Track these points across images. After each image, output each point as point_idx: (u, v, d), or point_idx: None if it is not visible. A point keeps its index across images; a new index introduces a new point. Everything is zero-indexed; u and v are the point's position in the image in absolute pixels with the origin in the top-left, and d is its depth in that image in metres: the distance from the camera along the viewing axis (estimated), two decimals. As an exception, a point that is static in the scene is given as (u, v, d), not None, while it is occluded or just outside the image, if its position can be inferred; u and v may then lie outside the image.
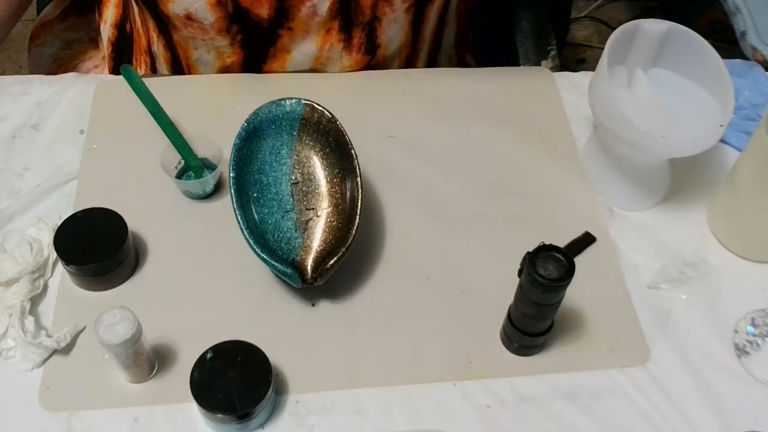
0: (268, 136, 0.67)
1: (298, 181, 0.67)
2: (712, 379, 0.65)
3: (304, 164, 0.68)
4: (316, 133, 0.68)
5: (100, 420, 0.60)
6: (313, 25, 0.77)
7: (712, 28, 1.83)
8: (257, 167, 0.66)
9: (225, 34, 0.77)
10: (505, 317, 0.65)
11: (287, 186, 0.67)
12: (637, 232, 0.74)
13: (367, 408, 0.62)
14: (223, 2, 0.73)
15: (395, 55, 0.85)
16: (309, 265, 0.64)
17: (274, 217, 0.66)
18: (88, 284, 0.67)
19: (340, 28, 0.79)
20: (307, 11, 0.75)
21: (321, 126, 0.67)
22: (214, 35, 0.77)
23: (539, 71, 0.88)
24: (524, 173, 0.78)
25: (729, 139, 0.81)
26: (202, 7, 0.73)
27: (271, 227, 0.65)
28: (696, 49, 0.71)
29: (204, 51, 0.81)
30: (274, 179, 0.67)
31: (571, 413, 0.63)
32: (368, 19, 0.79)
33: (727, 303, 0.70)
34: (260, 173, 0.66)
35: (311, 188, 0.67)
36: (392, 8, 0.79)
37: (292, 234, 0.65)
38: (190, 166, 0.74)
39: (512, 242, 0.68)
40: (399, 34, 0.83)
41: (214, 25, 0.75)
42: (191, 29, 0.76)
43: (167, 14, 0.75)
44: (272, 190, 0.66)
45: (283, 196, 0.66)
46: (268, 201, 0.66)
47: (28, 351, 0.62)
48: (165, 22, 0.77)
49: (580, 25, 2.03)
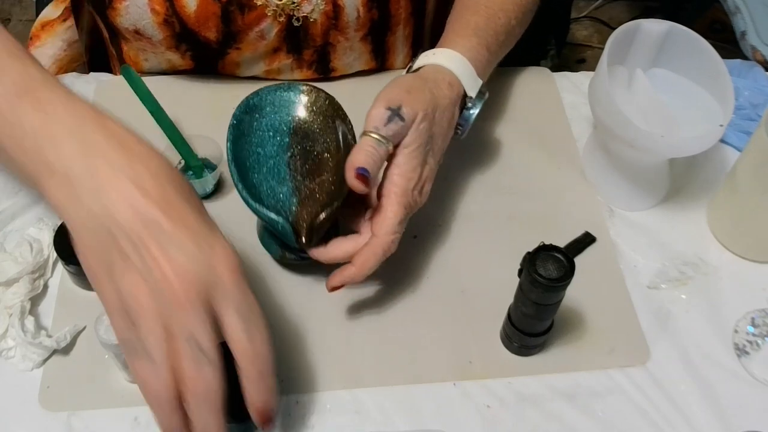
0: (266, 114, 0.67)
1: (296, 154, 0.67)
2: (712, 379, 0.65)
3: (301, 140, 0.67)
4: (313, 112, 0.68)
5: (100, 420, 0.60)
6: (260, 46, 0.77)
7: (712, 28, 1.83)
8: (255, 141, 0.66)
9: (174, 50, 0.77)
10: (505, 317, 0.65)
11: (284, 158, 0.67)
12: (637, 232, 0.74)
13: (367, 408, 0.62)
14: (170, 22, 0.73)
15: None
16: (303, 226, 0.64)
17: (270, 183, 0.65)
18: (88, 284, 0.66)
19: (288, 50, 0.79)
20: (255, 35, 0.75)
21: (318, 105, 0.68)
22: (163, 50, 0.77)
23: (539, 71, 0.88)
24: (524, 173, 0.78)
25: (729, 139, 0.81)
26: (149, 24, 0.73)
27: (267, 190, 0.65)
28: (696, 49, 0.71)
29: (155, 62, 0.82)
30: (271, 152, 0.67)
31: (571, 413, 0.63)
32: (319, 44, 0.79)
33: (727, 303, 0.70)
34: (257, 146, 0.66)
35: (308, 161, 0.67)
36: (345, 36, 0.78)
37: (287, 197, 0.65)
38: (190, 166, 0.74)
39: (512, 242, 0.68)
40: (357, 62, 0.83)
41: (162, 42, 0.75)
42: (141, 43, 0.77)
43: (117, 27, 0.75)
44: (270, 162, 0.66)
45: (280, 167, 0.66)
46: (265, 170, 0.66)
47: (28, 351, 0.62)
48: (116, 33, 0.77)
49: (580, 25, 2.03)
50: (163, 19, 0.73)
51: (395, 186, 0.61)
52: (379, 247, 0.61)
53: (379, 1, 0.76)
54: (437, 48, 0.69)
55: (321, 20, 0.76)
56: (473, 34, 0.70)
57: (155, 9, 0.72)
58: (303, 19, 0.75)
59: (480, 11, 0.72)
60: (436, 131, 0.64)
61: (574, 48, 1.97)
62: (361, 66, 0.84)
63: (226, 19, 0.73)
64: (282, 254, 0.67)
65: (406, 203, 0.61)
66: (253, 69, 0.81)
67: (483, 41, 0.70)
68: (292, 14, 0.75)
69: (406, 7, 0.78)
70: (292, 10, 0.74)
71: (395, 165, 0.62)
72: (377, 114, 0.61)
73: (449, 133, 0.67)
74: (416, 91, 0.63)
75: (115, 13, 0.73)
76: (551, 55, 1.09)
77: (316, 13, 0.75)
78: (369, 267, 0.61)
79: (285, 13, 0.74)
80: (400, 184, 0.61)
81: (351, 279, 0.61)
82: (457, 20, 0.72)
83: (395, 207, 0.61)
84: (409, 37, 0.83)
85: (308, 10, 0.75)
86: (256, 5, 0.73)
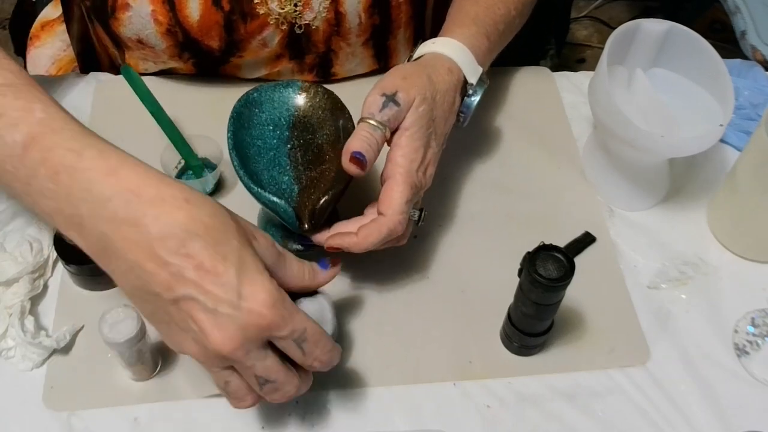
0: (265, 110, 0.67)
1: (296, 146, 0.67)
2: (712, 379, 0.65)
3: (301, 133, 0.68)
4: (313, 107, 0.68)
5: (102, 419, 0.60)
6: (263, 54, 0.77)
7: (712, 28, 1.83)
8: (255, 133, 0.67)
9: (177, 59, 0.77)
10: (505, 317, 0.65)
11: (284, 150, 0.67)
12: (637, 232, 0.74)
13: (367, 408, 0.62)
14: (173, 32, 0.73)
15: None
16: (305, 213, 0.64)
17: (270, 173, 0.65)
18: (88, 284, 0.66)
19: (290, 57, 0.79)
20: (257, 43, 0.76)
21: (317, 100, 0.68)
22: (166, 59, 0.77)
23: (539, 71, 0.88)
24: (524, 173, 0.78)
25: (729, 139, 0.81)
26: (152, 34, 0.73)
27: (268, 179, 0.65)
28: (696, 49, 0.71)
29: (157, 69, 0.82)
30: (271, 144, 0.67)
31: (571, 413, 0.63)
32: (321, 51, 0.79)
33: (727, 303, 0.70)
34: (257, 138, 0.67)
35: (308, 152, 0.67)
36: (347, 42, 0.78)
37: (289, 185, 0.65)
38: (190, 165, 0.74)
39: (512, 242, 0.68)
40: (360, 67, 0.83)
41: (165, 51, 0.75)
42: (143, 52, 0.77)
43: (119, 37, 0.75)
44: (270, 153, 0.66)
45: (281, 158, 0.66)
46: (265, 161, 0.66)
47: (27, 351, 0.62)
48: (118, 42, 0.77)
49: (580, 25, 2.03)
50: (166, 29, 0.73)
51: (399, 166, 0.62)
52: (385, 225, 0.60)
53: (380, 6, 0.76)
54: (437, 38, 0.70)
55: (323, 27, 0.76)
56: (472, 23, 0.71)
57: (158, 19, 0.72)
58: (305, 26, 0.75)
59: (479, 2, 0.73)
60: (438, 115, 0.65)
61: (574, 48, 1.97)
62: (364, 70, 0.84)
63: (229, 28, 0.73)
64: (284, 245, 0.67)
65: (412, 183, 0.62)
66: (255, 73, 0.81)
67: (482, 30, 0.71)
68: (294, 22, 0.75)
69: (406, 11, 0.78)
70: (294, 17, 0.74)
71: (398, 146, 0.62)
72: (372, 101, 0.62)
73: (451, 118, 0.68)
74: (412, 76, 0.64)
75: (117, 24, 0.73)
76: (551, 55, 1.09)
77: (318, 20, 0.75)
78: (370, 241, 0.60)
79: (287, 21, 0.74)
80: (403, 164, 0.62)
81: (349, 246, 0.61)
82: (457, 11, 0.73)
83: (401, 186, 0.61)
84: (410, 39, 0.83)
85: (310, 18, 0.75)
86: (258, 14, 0.73)
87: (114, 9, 0.72)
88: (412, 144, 0.62)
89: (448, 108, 0.66)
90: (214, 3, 0.72)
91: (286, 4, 0.73)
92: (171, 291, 0.48)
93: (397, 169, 0.62)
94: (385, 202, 0.61)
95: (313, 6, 0.74)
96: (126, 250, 0.49)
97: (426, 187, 0.65)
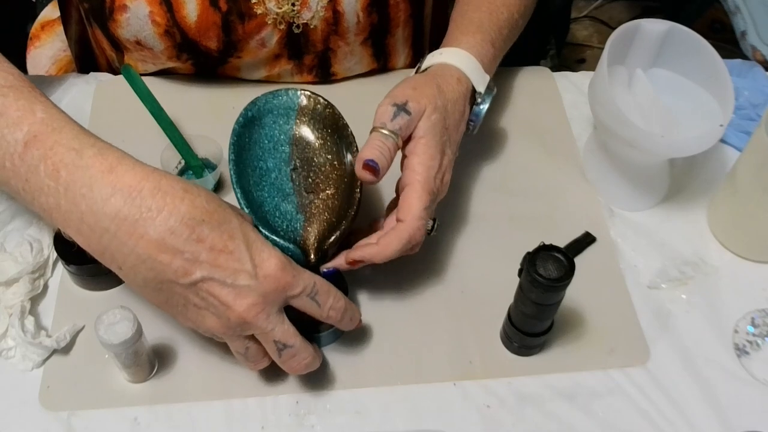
0: (265, 125, 0.67)
1: (297, 166, 0.67)
2: (712, 379, 0.65)
3: (302, 150, 0.68)
4: (314, 120, 0.68)
5: (100, 420, 0.60)
6: (261, 54, 0.77)
7: (712, 28, 1.83)
8: (256, 154, 0.67)
9: (176, 60, 0.77)
10: (505, 317, 0.65)
11: (287, 171, 0.67)
12: (637, 232, 0.74)
13: (367, 408, 0.62)
14: (171, 33, 0.73)
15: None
16: (311, 245, 0.64)
17: (274, 200, 0.65)
18: (88, 284, 0.67)
19: (288, 57, 0.79)
20: (255, 43, 0.76)
21: (317, 113, 0.68)
22: (164, 60, 0.77)
23: (539, 71, 0.88)
24: (524, 173, 0.78)
25: (729, 139, 0.81)
26: (150, 35, 0.73)
27: (272, 209, 0.65)
28: (696, 49, 0.71)
29: (155, 70, 0.82)
30: (273, 165, 0.67)
31: (571, 413, 0.63)
32: (320, 50, 0.79)
33: (727, 303, 0.70)
34: (259, 160, 0.66)
35: (311, 173, 0.67)
36: (346, 41, 0.78)
37: (293, 216, 0.65)
38: (190, 166, 0.74)
39: (512, 242, 0.68)
40: (358, 66, 0.83)
41: (163, 52, 0.75)
42: (142, 53, 0.77)
43: (118, 38, 0.75)
44: (272, 175, 0.66)
45: (283, 182, 0.66)
46: (268, 186, 0.66)
47: (28, 351, 0.62)
48: (117, 44, 0.77)
49: (580, 25, 2.03)
50: (164, 30, 0.73)
51: (417, 174, 0.62)
52: (405, 231, 0.61)
53: (378, 5, 0.76)
54: (442, 47, 0.70)
55: (321, 26, 0.76)
56: (477, 30, 0.71)
57: (156, 20, 0.72)
58: (303, 26, 0.75)
59: (482, 7, 0.73)
60: (450, 123, 0.66)
61: (574, 48, 1.97)
62: (362, 69, 0.84)
63: (227, 29, 0.73)
64: None
65: (430, 189, 0.62)
66: (254, 74, 0.81)
67: (487, 37, 0.71)
68: (292, 21, 0.75)
69: (405, 9, 0.78)
70: (292, 17, 0.74)
71: (414, 155, 0.63)
72: (383, 110, 0.63)
73: (462, 127, 0.68)
74: (422, 86, 0.65)
75: (116, 25, 0.74)
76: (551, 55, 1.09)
77: (316, 19, 0.75)
78: (391, 249, 0.61)
79: (285, 21, 0.74)
80: (421, 171, 0.62)
81: (370, 257, 0.61)
82: (461, 17, 0.73)
83: (420, 192, 0.61)
84: (409, 38, 0.83)
85: (308, 17, 0.75)
86: (256, 14, 0.73)
87: (112, 11, 0.72)
88: (429, 151, 0.63)
89: (459, 116, 0.67)
90: (211, 3, 0.72)
91: (283, 4, 0.73)
92: (188, 276, 0.52)
93: (415, 176, 0.62)
94: (404, 209, 0.61)
95: (310, 5, 0.74)
96: (133, 245, 0.51)
97: (443, 194, 0.65)
